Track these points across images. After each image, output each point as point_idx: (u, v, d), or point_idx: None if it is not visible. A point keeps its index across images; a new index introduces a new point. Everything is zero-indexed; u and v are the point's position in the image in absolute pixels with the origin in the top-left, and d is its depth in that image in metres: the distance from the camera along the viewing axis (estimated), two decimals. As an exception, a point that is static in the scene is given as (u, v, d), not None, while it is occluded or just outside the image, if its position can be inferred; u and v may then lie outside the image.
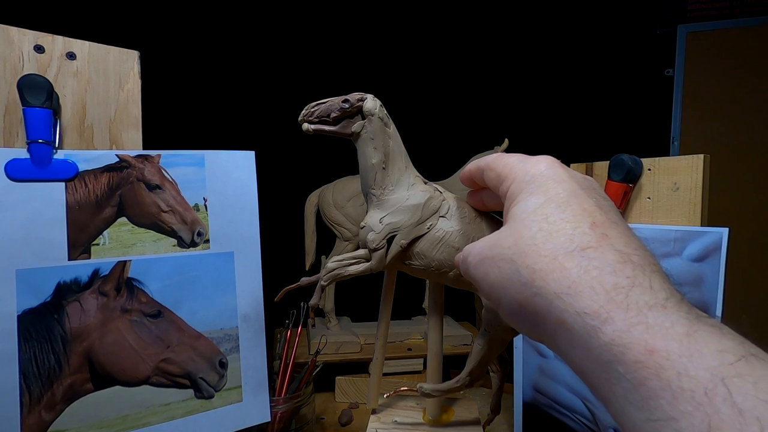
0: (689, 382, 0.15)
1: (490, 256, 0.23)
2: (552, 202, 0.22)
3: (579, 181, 0.24)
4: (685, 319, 0.17)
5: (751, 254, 1.50)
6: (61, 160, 0.42)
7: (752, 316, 1.52)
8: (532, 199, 0.23)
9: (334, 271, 0.38)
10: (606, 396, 0.18)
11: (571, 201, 0.22)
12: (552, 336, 0.20)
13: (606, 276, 0.19)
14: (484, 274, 0.24)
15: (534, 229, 0.22)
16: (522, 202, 0.24)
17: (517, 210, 0.24)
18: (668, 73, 1.51)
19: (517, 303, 0.22)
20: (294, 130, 0.43)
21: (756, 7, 1.48)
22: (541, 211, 0.22)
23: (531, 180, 0.24)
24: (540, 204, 0.23)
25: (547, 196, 0.23)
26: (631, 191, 0.52)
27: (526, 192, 0.24)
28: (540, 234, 0.22)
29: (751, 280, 1.51)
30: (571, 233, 0.21)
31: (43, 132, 0.40)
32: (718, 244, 0.45)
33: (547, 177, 0.24)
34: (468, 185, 0.33)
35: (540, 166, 0.24)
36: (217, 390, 0.48)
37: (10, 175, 0.39)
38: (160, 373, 0.45)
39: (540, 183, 0.24)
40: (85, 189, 0.43)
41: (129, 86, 0.47)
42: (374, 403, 0.48)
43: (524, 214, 0.23)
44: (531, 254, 0.21)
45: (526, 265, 0.21)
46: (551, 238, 0.21)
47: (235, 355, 0.49)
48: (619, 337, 0.17)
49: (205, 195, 0.49)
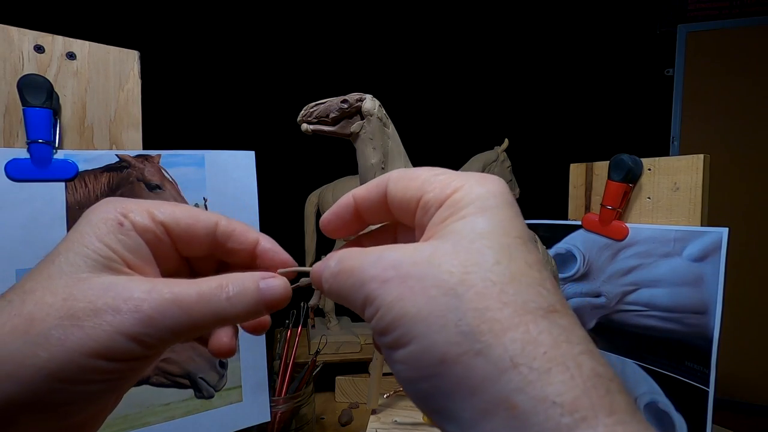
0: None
1: (416, 276, 0.16)
2: (513, 235, 0.16)
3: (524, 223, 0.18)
4: None
5: (751, 254, 1.50)
6: (61, 160, 0.42)
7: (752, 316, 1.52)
8: (485, 218, 0.17)
9: (334, 271, 0.38)
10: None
11: (531, 245, 0.17)
12: (476, 420, 0.14)
13: (585, 363, 0.14)
14: (399, 298, 0.16)
15: (490, 259, 0.16)
16: (470, 217, 0.17)
17: (462, 227, 0.17)
18: (668, 72, 1.51)
19: (439, 355, 0.15)
20: (294, 130, 0.43)
21: (756, 7, 1.48)
22: (499, 240, 0.16)
23: (483, 197, 0.17)
24: (496, 228, 0.16)
25: (505, 227, 0.17)
26: (631, 191, 0.52)
27: (476, 207, 0.17)
28: (499, 269, 0.15)
29: (751, 280, 1.51)
30: (539, 284, 0.15)
31: (43, 132, 0.40)
32: (718, 244, 0.45)
33: (504, 200, 0.17)
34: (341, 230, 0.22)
35: (492, 186, 0.18)
36: (217, 390, 0.48)
37: (10, 175, 0.39)
38: (160, 372, 0.45)
39: (495, 205, 0.17)
40: (85, 189, 0.43)
41: (129, 86, 0.47)
42: (374, 403, 0.48)
43: (475, 235, 0.16)
44: (485, 294, 0.15)
45: (474, 307, 0.15)
46: (515, 281, 0.15)
47: (235, 355, 0.49)
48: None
49: (205, 195, 0.49)
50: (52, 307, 0.17)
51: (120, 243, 0.19)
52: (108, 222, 0.19)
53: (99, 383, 0.18)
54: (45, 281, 0.18)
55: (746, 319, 1.48)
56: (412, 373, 0.16)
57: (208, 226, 0.21)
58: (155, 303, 0.18)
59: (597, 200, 0.54)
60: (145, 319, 0.17)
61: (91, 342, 0.17)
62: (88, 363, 0.17)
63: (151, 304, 0.17)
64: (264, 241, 0.22)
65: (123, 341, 0.17)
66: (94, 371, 0.17)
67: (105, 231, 0.19)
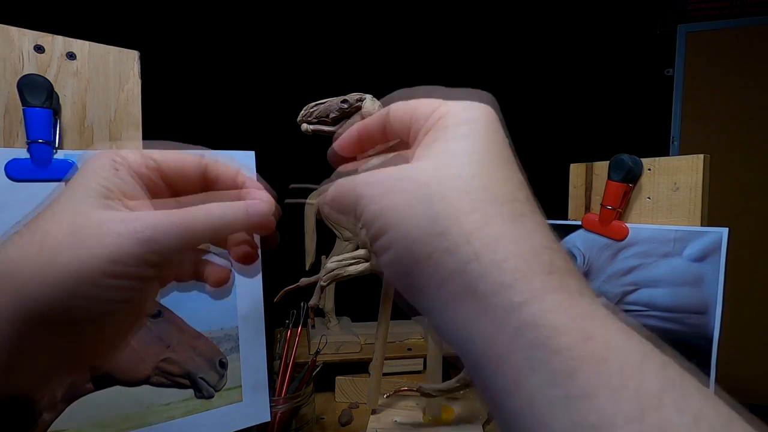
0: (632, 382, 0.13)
1: (398, 190, 0.18)
2: (492, 155, 0.19)
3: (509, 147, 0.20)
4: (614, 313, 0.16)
5: (751, 254, 1.50)
6: (61, 160, 0.41)
7: (752, 316, 1.52)
8: (466, 142, 0.19)
9: (334, 271, 0.38)
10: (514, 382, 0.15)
11: (512, 165, 0.19)
12: (445, 303, 0.17)
13: (541, 251, 0.16)
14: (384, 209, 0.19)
15: (467, 174, 0.18)
16: (453, 142, 0.19)
17: (445, 148, 0.19)
18: (668, 73, 1.51)
19: (416, 254, 0.17)
20: (294, 130, 0.43)
21: (756, 7, 1.48)
22: (479, 159, 0.18)
23: (467, 122, 0.20)
24: (477, 150, 0.19)
25: (486, 147, 0.19)
26: (631, 191, 0.52)
27: (459, 133, 0.19)
28: (475, 182, 0.18)
29: (751, 280, 1.51)
30: (510, 193, 0.18)
31: (43, 132, 0.40)
32: (718, 244, 0.45)
33: (487, 127, 0.20)
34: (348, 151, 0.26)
35: (477, 111, 0.20)
36: (217, 390, 0.48)
37: (10, 175, 0.39)
38: (160, 372, 0.45)
39: (478, 129, 0.19)
40: (85, 189, 0.43)
41: (129, 86, 0.47)
42: (374, 403, 0.48)
43: (455, 156, 0.19)
44: (457, 202, 0.17)
45: (447, 214, 0.17)
46: (488, 190, 0.17)
47: (235, 355, 0.49)
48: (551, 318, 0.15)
49: (205, 195, 0.49)
50: (60, 232, 0.19)
51: (116, 183, 0.21)
52: (104, 167, 0.22)
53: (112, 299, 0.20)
54: (50, 216, 0.20)
55: (746, 319, 1.48)
56: (396, 270, 0.18)
57: (196, 170, 0.25)
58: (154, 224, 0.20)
59: (597, 200, 0.54)
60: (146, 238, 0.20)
61: (102, 253, 0.19)
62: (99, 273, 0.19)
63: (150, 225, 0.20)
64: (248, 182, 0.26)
65: (128, 255, 0.19)
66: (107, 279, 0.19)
67: (102, 174, 0.21)
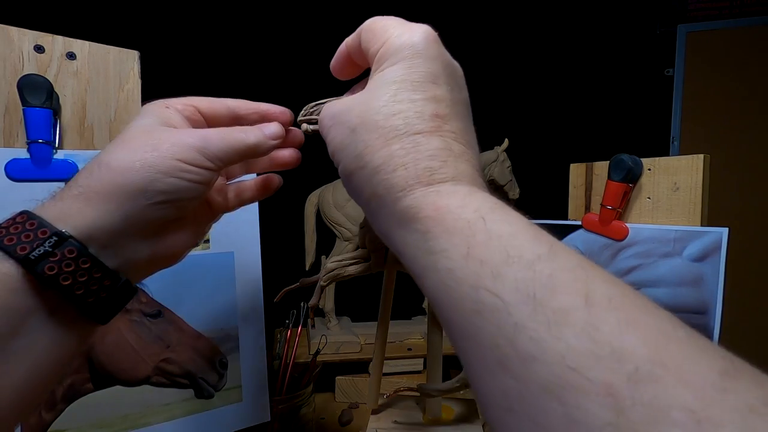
0: (459, 222, 0.19)
1: (342, 121, 0.24)
2: (408, 81, 0.23)
3: (445, 65, 0.24)
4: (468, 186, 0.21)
5: (751, 254, 1.50)
6: (61, 160, 0.42)
7: (752, 316, 1.52)
8: (393, 70, 0.23)
9: (334, 271, 0.38)
10: (402, 249, 0.22)
11: (426, 85, 0.23)
12: (367, 203, 0.23)
13: (422, 160, 0.21)
14: (333, 137, 0.25)
15: (381, 103, 0.23)
16: (386, 70, 0.23)
17: (377, 78, 0.24)
18: (668, 73, 1.51)
19: (349, 171, 0.24)
20: (294, 130, 0.43)
21: (756, 7, 1.48)
22: (395, 87, 0.23)
23: (400, 49, 0.23)
24: (397, 78, 0.23)
25: (407, 72, 0.23)
26: (631, 191, 0.52)
27: (391, 61, 0.23)
28: (385, 110, 0.22)
29: (751, 280, 1.51)
30: (411, 117, 0.22)
31: (43, 132, 0.40)
32: (718, 244, 0.45)
33: (417, 51, 0.23)
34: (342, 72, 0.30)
35: (414, 36, 0.24)
36: (217, 390, 0.48)
37: (10, 175, 0.39)
38: (160, 372, 0.45)
39: (407, 56, 0.23)
40: (85, 189, 0.43)
41: (129, 86, 0.47)
42: (374, 403, 0.48)
43: (380, 85, 0.23)
44: (370, 129, 0.22)
45: (363, 139, 0.23)
46: (391, 119, 0.22)
47: (235, 355, 0.49)
48: (417, 201, 0.21)
49: (205, 195, 0.49)
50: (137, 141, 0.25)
51: (169, 116, 0.28)
52: (159, 106, 0.28)
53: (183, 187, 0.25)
54: (120, 143, 0.25)
55: (746, 319, 1.48)
56: (343, 178, 0.25)
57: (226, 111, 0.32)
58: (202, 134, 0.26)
59: (597, 200, 0.54)
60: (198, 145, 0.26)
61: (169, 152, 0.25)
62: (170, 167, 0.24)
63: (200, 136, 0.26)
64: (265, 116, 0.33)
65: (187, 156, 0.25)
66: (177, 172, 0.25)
67: (158, 112, 0.28)
